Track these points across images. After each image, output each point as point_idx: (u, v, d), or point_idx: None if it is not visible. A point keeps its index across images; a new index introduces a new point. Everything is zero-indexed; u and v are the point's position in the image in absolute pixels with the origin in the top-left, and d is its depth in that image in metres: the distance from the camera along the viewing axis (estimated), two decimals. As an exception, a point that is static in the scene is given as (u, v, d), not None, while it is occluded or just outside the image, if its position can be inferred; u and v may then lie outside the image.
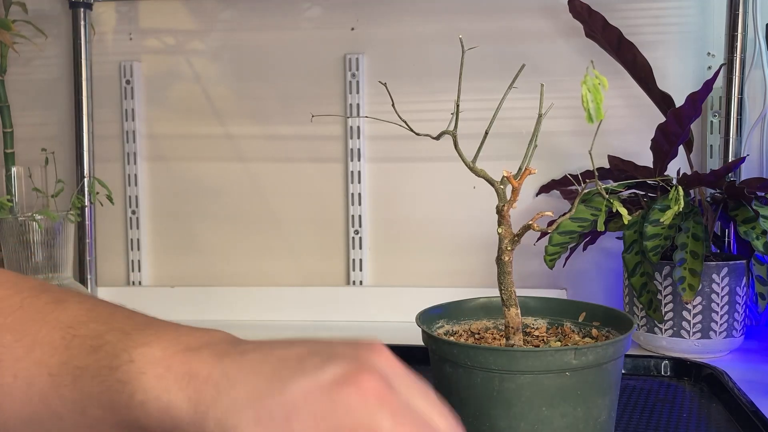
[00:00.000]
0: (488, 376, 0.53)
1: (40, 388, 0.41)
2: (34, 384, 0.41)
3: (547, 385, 0.53)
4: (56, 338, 0.41)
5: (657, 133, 0.98)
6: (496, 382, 0.53)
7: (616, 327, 0.63)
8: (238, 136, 1.30)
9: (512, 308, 0.58)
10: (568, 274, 1.17)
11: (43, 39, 1.29)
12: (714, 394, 0.80)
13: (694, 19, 1.16)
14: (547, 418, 0.53)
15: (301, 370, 0.36)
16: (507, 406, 0.53)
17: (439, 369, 0.57)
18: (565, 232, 0.98)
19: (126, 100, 1.31)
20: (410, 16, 1.23)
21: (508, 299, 0.58)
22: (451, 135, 0.55)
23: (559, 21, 1.17)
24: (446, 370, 0.56)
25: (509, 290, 0.58)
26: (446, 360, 0.56)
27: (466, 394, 0.55)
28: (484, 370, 0.53)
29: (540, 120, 0.55)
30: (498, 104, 0.56)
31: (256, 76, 1.29)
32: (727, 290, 0.95)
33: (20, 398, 0.41)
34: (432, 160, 1.23)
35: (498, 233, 0.58)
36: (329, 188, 1.27)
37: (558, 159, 1.18)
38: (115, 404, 0.39)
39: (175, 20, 1.30)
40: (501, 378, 0.53)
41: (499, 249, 0.57)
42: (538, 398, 0.53)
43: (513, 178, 0.57)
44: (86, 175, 1.30)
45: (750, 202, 0.94)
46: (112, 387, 0.39)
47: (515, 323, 0.58)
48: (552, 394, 0.53)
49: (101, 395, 0.39)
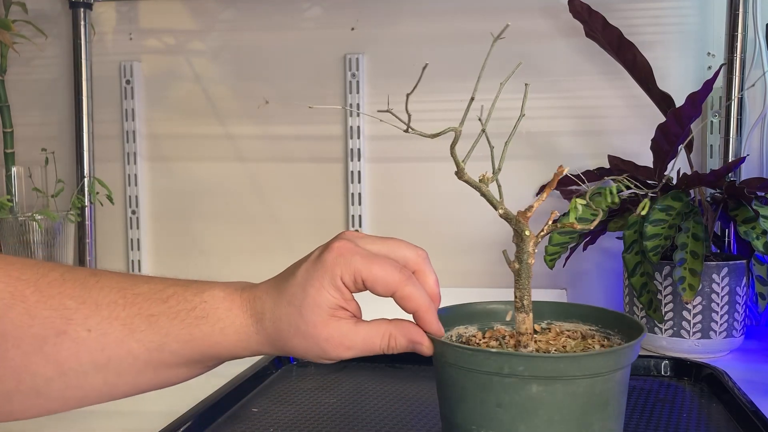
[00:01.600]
0: (501, 380, 0.53)
1: (115, 336, 0.50)
2: (108, 333, 0.50)
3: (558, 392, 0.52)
4: (117, 298, 0.51)
5: (657, 133, 0.98)
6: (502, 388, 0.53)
7: (626, 334, 0.61)
8: (238, 136, 1.30)
9: (529, 314, 0.58)
10: (568, 274, 1.17)
11: (43, 39, 1.29)
12: (714, 394, 0.80)
13: (694, 19, 1.16)
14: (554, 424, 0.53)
15: (298, 263, 0.55)
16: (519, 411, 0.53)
17: (443, 372, 0.57)
18: (566, 232, 0.98)
19: (126, 100, 1.31)
20: (410, 16, 1.24)
21: (528, 304, 0.58)
22: (455, 132, 0.54)
23: (559, 21, 1.17)
24: (451, 374, 0.56)
25: (530, 295, 0.58)
26: (451, 364, 0.55)
27: (470, 396, 0.54)
28: (491, 374, 0.53)
29: (520, 119, 0.55)
30: (492, 103, 0.56)
31: (256, 76, 1.29)
32: (727, 290, 0.95)
33: (96, 347, 0.50)
34: (432, 160, 1.23)
35: (525, 235, 0.57)
36: (329, 188, 1.27)
37: (558, 159, 1.18)
38: (194, 336, 0.52)
39: (175, 20, 1.30)
40: (509, 383, 0.52)
41: (525, 252, 0.56)
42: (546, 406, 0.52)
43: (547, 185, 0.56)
44: (86, 175, 1.30)
45: (750, 202, 0.94)
46: (192, 323, 0.52)
47: (529, 329, 0.58)
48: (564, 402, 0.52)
49: (180, 331, 0.51)
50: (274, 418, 0.74)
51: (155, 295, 0.52)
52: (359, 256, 0.52)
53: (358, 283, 0.53)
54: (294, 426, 0.71)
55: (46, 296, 0.50)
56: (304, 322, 0.52)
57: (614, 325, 0.64)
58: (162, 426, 0.70)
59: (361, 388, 0.83)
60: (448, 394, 0.56)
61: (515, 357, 0.52)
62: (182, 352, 0.52)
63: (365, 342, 0.53)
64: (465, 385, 0.54)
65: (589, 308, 0.65)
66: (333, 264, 0.53)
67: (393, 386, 0.83)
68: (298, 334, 0.52)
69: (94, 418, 0.80)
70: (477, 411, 0.54)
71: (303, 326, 0.52)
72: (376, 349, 0.54)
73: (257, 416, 0.74)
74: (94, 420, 0.79)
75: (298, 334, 0.52)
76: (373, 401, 0.79)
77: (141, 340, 0.51)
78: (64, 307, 0.50)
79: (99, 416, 0.80)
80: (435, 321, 0.55)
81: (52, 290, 0.50)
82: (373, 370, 0.88)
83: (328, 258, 0.53)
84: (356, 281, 0.52)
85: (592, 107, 1.19)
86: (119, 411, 0.82)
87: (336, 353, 0.53)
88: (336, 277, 0.52)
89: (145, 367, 0.52)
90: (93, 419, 0.80)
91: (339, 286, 0.52)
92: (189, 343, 0.52)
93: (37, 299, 0.50)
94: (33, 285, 0.50)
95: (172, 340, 0.51)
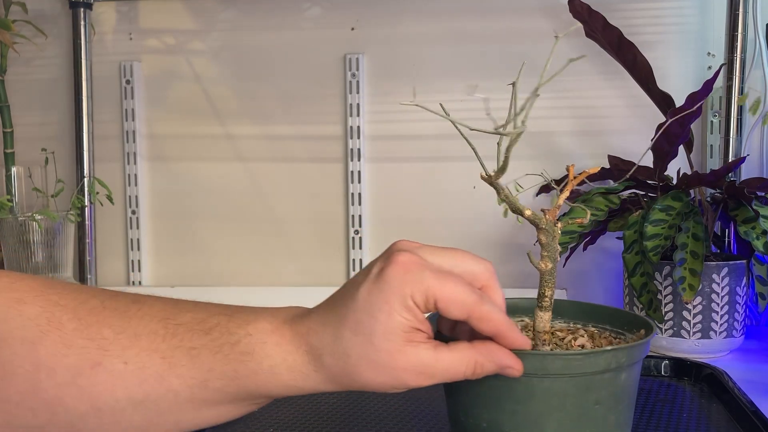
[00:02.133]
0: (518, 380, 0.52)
1: (154, 370, 0.46)
2: (146, 367, 0.46)
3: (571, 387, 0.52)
4: (158, 328, 0.47)
5: (657, 132, 0.98)
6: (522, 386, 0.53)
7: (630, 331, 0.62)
8: (238, 136, 1.30)
9: (549, 312, 0.58)
10: (568, 274, 1.17)
11: (43, 39, 1.29)
12: (714, 394, 0.80)
13: (694, 19, 1.16)
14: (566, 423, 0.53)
15: (355, 283, 0.47)
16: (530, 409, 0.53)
17: None
18: (566, 232, 0.98)
19: (126, 100, 1.31)
20: (410, 16, 1.24)
21: (551, 303, 0.58)
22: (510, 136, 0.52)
23: (559, 21, 1.17)
24: None
25: (553, 293, 0.57)
26: None
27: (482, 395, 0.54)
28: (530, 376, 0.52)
29: (510, 120, 0.55)
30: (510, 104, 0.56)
31: (256, 76, 1.29)
32: (727, 290, 0.95)
33: (133, 381, 0.46)
34: (432, 160, 1.23)
35: (558, 233, 0.56)
36: (329, 188, 1.27)
37: (558, 159, 1.18)
38: (240, 373, 0.47)
39: (175, 20, 1.30)
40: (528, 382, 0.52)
41: (556, 250, 0.56)
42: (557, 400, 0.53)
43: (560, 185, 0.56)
44: (86, 175, 1.30)
45: (750, 202, 0.94)
46: (237, 359, 0.46)
47: (548, 327, 0.58)
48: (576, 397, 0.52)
49: (224, 367, 0.46)
50: (274, 418, 0.74)
51: (198, 325, 0.48)
52: (429, 273, 0.46)
53: (429, 304, 0.47)
54: (294, 426, 0.71)
55: (84, 324, 0.47)
56: (376, 352, 0.46)
57: (618, 322, 0.64)
58: (162, 426, 0.70)
59: (361, 388, 0.83)
60: (458, 392, 0.56)
61: (551, 357, 0.52)
62: (227, 390, 0.47)
63: (448, 371, 0.48)
64: (485, 384, 0.54)
65: (590, 306, 0.66)
66: (401, 283, 0.46)
67: (393, 386, 0.83)
68: (371, 367, 0.46)
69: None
70: (501, 411, 0.54)
71: (375, 357, 0.46)
72: (460, 376, 0.49)
73: (257, 416, 0.74)
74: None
75: (370, 368, 0.46)
76: (373, 401, 0.79)
77: (182, 376, 0.47)
78: (102, 336, 0.47)
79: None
80: (519, 336, 0.50)
81: (91, 318, 0.47)
82: (373, 370, 0.88)
83: (395, 275, 0.46)
84: (428, 302, 0.47)
85: (592, 107, 1.19)
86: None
87: (416, 383, 0.47)
88: (407, 297, 0.46)
89: (187, 405, 0.48)
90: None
91: (411, 306, 0.46)
92: (234, 381, 0.47)
93: (75, 327, 0.47)
94: (72, 312, 0.47)
95: (216, 377, 0.47)
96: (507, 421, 0.53)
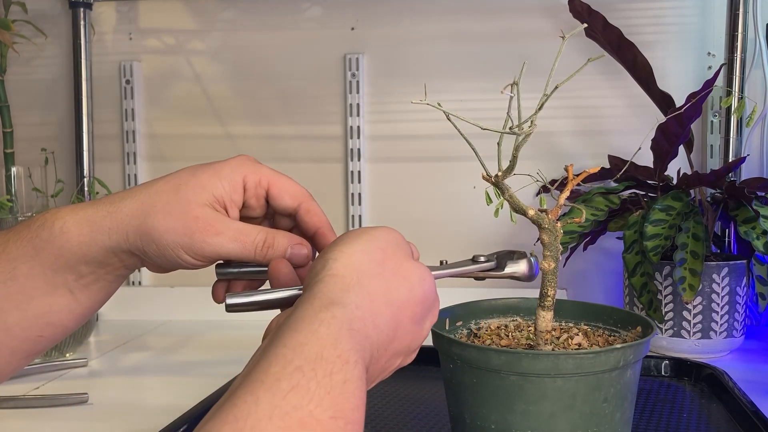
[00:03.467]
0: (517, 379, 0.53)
1: None
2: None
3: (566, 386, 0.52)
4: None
5: (657, 133, 0.98)
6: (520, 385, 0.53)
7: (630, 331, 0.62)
8: (238, 136, 1.30)
9: (551, 312, 0.58)
10: (568, 274, 1.17)
11: (43, 39, 1.29)
12: (714, 394, 0.80)
13: (694, 19, 1.16)
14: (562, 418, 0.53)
15: None
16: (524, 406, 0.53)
17: (464, 373, 0.57)
18: (566, 232, 0.98)
19: (126, 100, 1.31)
20: (410, 16, 1.23)
21: (553, 303, 0.58)
22: (524, 134, 0.52)
23: (559, 21, 1.17)
24: (472, 376, 0.55)
25: (555, 292, 0.58)
26: (465, 363, 0.55)
27: (491, 396, 0.54)
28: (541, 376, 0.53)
29: (506, 120, 0.55)
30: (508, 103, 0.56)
31: (256, 76, 1.29)
32: (728, 290, 0.95)
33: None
34: (432, 160, 1.23)
35: (560, 233, 0.56)
36: (329, 188, 1.27)
37: (558, 159, 1.18)
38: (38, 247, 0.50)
39: (175, 20, 1.30)
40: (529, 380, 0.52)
41: (558, 249, 0.56)
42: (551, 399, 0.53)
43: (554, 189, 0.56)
44: (86, 175, 1.30)
45: (750, 202, 0.94)
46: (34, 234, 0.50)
47: (549, 327, 0.58)
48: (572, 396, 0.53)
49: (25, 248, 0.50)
50: (274, 418, 0.73)
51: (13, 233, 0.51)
52: (267, 168, 0.52)
53: (260, 189, 0.51)
54: (294, 426, 0.71)
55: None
56: (178, 199, 0.49)
57: (610, 320, 0.64)
58: (162, 426, 0.70)
59: (361, 388, 0.83)
60: (471, 396, 0.56)
61: (564, 357, 0.52)
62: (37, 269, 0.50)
63: (240, 232, 0.50)
64: (494, 385, 0.54)
65: (581, 304, 0.66)
66: (238, 164, 0.51)
67: (393, 386, 0.83)
68: (165, 211, 0.48)
69: (95, 417, 0.80)
70: (511, 412, 0.54)
71: (175, 201, 0.48)
72: (250, 243, 0.50)
73: (257, 416, 0.74)
74: (94, 419, 0.79)
75: (164, 211, 0.48)
76: (373, 401, 0.79)
77: None
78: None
79: (99, 415, 0.80)
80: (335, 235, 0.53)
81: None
82: (373, 370, 0.88)
83: (233, 161, 0.51)
84: (260, 185, 0.51)
85: (592, 107, 1.19)
86: (120, 410, 0.82)
87: (202, 236, 0.48)
88: (238, 173, 0.50)
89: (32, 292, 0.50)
90: (94, 418, 0.80)
91: (237, 183, 0.50)
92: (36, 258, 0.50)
93: None
94: None
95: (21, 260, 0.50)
96: (518, 422, 0.53)
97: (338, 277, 0.43)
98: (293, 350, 0.37)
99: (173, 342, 1.12)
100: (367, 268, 0.44)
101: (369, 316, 0.42)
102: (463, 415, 0.57)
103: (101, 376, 0.96)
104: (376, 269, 0.44)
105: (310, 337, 0.38)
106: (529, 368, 0.52)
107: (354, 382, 0.37)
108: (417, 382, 0.85)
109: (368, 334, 0.42)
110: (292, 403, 0.34)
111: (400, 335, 0.45)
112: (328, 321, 0.39)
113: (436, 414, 0.75)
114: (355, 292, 0.43)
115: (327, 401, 0.35)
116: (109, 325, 1.22)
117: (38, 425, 0.78)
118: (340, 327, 0.39)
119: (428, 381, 0.84)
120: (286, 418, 0.34)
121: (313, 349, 0.37)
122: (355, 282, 0.43)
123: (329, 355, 0.37)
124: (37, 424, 0.79)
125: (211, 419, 0.35)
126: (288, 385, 0.35)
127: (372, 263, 0.45)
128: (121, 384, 0.93)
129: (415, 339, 0.47)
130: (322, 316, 0.40)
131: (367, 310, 0.42)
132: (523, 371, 0.52)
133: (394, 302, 0.44)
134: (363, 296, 0.43)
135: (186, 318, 1.25)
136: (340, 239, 0.47)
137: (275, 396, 0.34)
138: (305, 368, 0.36)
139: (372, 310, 0.43)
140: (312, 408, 0.34)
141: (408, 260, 0.48)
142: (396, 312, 0.44)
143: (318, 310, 0.40)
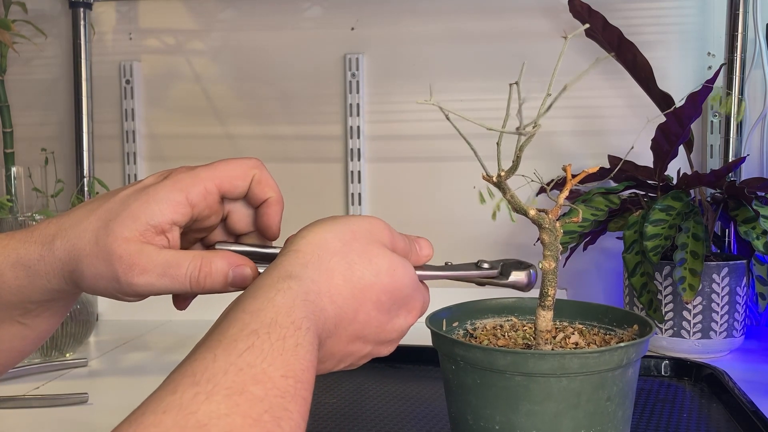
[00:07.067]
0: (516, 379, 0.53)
1: None
2: None
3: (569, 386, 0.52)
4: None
5: (657, 133, 0.98)
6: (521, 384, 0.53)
7: None
8: (238, 136, 1.30)
9: (551, 311, 0.58)
10: (568, 274, 1.17)
11: (43, 39, 1.29)
12: (714, 394, 0.80)
13: (694, 19, 1.16)
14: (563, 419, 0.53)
15: None
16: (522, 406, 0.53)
17: (465, 373, 0.56)
18: (566, 231, 0.98)
19: (126, 100, 1.31)
20: (410, 16, 1.23)
21: (553, 302, 0.58)
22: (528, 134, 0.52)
23: (559, 21, 1.17)
24: (475, 376, 0.55)
25: (555, 292, 0.58)
26: (469, 364, 0.55)
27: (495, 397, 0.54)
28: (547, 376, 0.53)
29: (506, 120, 0.55)
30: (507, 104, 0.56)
31: (256, 76, 1.29)
32: (728, 290, 0.95)
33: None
34: (432, 160, 1.23)
35: (560, 233, 0.56)
36: (329, 188, 1.27)
37: (558, 159, 1.18)
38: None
39: (175, 20, 1.30)
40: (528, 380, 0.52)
41: (558, 249, 0.56)
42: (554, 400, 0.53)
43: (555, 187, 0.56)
44: (86, 175, 1.30)
45: (750, 202, 0.94)
46: None
47: (549, 326, 0.58)
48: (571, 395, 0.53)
49: None
50: (274, 418, 0.73)
51: None
52: (200, 168, 0.49)
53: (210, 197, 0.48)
54: (294, 426, 0.71)
55: None
56: (105, 236, 0.45)
57: (605, 319, 0.64)
58: (162, 426, 0.70)
59: (361, 388, 0.83)
60: (474, 397, 0.56)
61: (570, 356, 0.52)
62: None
63: (168, 265, 0.45)
64: (498, 386, 0.54)
65: (575, 303, 0.66)
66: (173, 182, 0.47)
67: (393, 386, 0.83)
68: (92, 254, 0.45)
69: (95, 417, 0.80)
70: (516, 413, 0.54)
71: (102, 241, 0.44)
72: (182, 276, 0.46)
73: (257, 416, 0.74)
74: (94, 419, 0.79)
75: (91, 254, 0.45)
76: (373, 401, 0.79)
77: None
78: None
79: (99, 415, 0.80)
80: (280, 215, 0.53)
81: None
82: (373, 370, 0.88)
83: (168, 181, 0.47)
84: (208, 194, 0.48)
85: (592, 107, 1.19)
86: (120, 410, 0.82)
87: (126, 279, 0.45)
88: (177, 192, 0.46)
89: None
90: (93, 418, 0.80)
91: (177, 202, 0.46)
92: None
93: None
94: None
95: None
96: (522, 422, 0.53)
97: (300, 252, 0.45)
98: (251, 315, 0.39)
99: (173, 342, 1.12)
100: (331, 245, 0.46)
101: (325, 291, 0.44)
102: (465, 416, 0.57)
103: (101, 376, 0.96)
104: (340, 248, 0.46)
105: (266, 304, 0.40)
106: (536, 368, 0.52)
107: (305, 347, 0.39)
108: (417, 382, 0.85)
109: (323, 306, 0.44)
110: (246, 361, 0.36)
111: (361, 318, 0.46)
112: (284, 291, 0.42)
113: (436, 414, 0.75)
114: (313, 268, 0.44)
115: (279, 361, 0.37)
116: (109, 325, 1.22)
117: (38, 425, 0.78)
118: (294, 297, 0.42)
119: (428, 381, 0.84)
120: (241, 373, 0.36)
121: (268, 314, 0.40)
122: (315, 258, 0.45)
123: (283, 321, 0.40)
124: (37, 424, 0.79)
125: (172, 374, 0.37)
126: (244, 345, 0.37)
127: (337, 242, 0.46)
128: (121, 384, 0.93)
129: (382, 329, 0.48)
130: (279, 286, 0.42)
131: (323, 284, 0.44)
132: (529, 371, 0.52)
133: (356, 283, 0.46)
134: (321, 272, 0.45)
135: (186, 318, 1.25)
136: (320, 220, 0.49)
137: (231, 354, 0.36)
138: (260, 331, 0.38)
139: (329, 285, 0.45)
140: (265, 366, 0.37)
141: (379, 247, 0.48)
142: (357, 293, 0.46)
143: (276, 280, 0.42)
